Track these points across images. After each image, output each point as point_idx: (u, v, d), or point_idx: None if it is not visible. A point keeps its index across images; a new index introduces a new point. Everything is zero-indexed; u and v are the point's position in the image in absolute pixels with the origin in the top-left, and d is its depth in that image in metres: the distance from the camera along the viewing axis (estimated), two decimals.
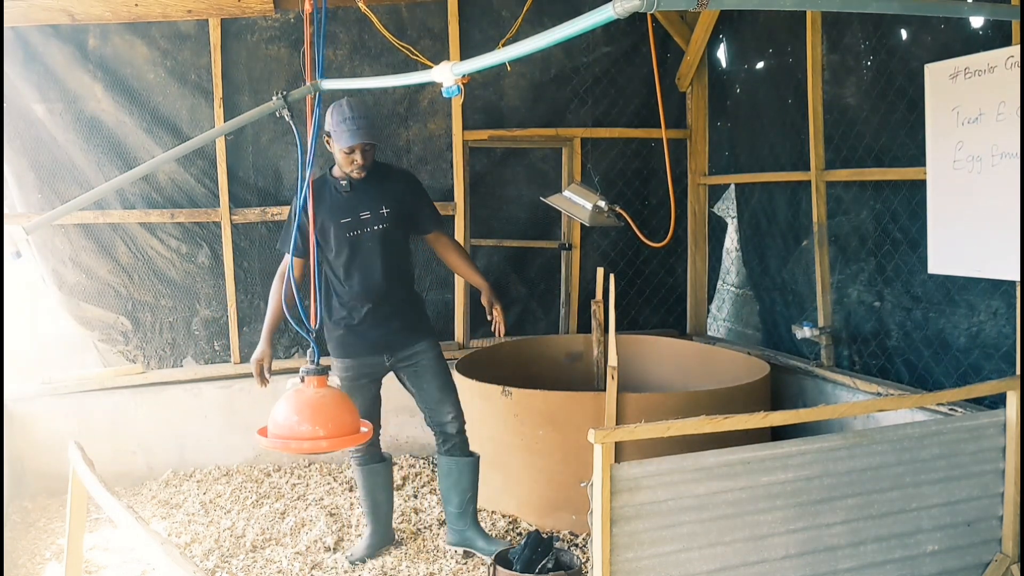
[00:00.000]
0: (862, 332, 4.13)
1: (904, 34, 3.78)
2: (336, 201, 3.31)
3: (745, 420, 2.33)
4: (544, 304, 5.34)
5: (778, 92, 4.62)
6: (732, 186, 5.24)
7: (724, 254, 5.58)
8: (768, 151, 4.73)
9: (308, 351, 2.79)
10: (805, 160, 4.27)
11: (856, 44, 4.04)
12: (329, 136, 3.26)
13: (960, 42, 3.45)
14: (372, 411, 3.48)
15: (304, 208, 2.95)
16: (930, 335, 3.73)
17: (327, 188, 3.33)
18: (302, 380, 2.78)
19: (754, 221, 4.98)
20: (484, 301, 3.52)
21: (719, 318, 6.05)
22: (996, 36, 3.31)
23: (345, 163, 3.24)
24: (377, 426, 3.53)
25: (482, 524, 3.71)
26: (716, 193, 5.40)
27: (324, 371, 2.78)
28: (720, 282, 5.74)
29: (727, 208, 5.53)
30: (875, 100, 3.94)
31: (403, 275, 3.46)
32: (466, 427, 3.52)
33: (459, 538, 3.58)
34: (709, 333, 5.45)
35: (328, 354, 3.43)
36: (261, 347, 3.30)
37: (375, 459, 3.58)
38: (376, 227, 3.30)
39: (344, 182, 3.30)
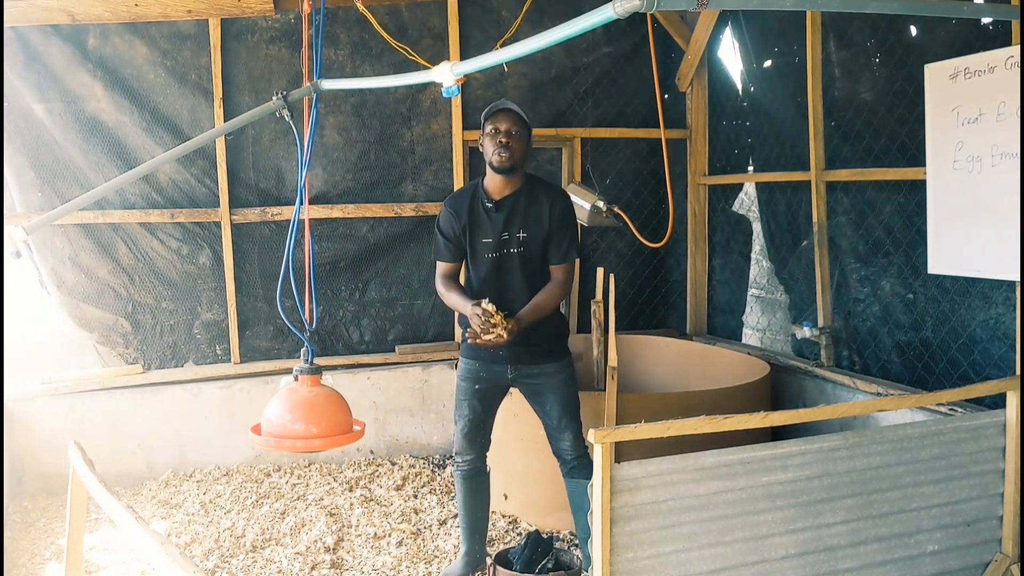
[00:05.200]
0: (862, 332, 4.13)
1: (911, 32, 3.78)
2: (479, 218, 3.15)
3: (745, 420, 2.33)
4: None
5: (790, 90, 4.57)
6: (752, 185, 5.14)
7: (752, 257, 5.39)
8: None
9: (302, 350, 2.79)
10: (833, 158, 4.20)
11: (860, 42, 4.04)
12: (483, 143, 3.10)
13: (963, 41, 3.44)
14: (484, 419, 3.32)
15: (448, 227, 3.12)
16: (930, 335, 3.73)
17: (475, 201, 3.15)
18: (296, 379, 2.79)
19: (775, 220, 4.88)
20: (500, 318, 3.02)
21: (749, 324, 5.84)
22: (999, 34, 3.31)
23: (491, 150, 3.03)
24: (486, 443, 3.37)
25: None
26: (730, 193, 5.33)
27: (318, 370, 2.79)
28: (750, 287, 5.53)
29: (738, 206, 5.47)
30: (876, 99, 3.95)
31: None
32: (587, 451, 3.21)
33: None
34: (744, 342, 5.28)
35: (322, 355, 3.39)
36: (466, 305, 3.05)
37: (480, 473, 3.39)
38: (514, 250, 3.14)
39: (491, 203, 3.12)
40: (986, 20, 3.40)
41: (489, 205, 3.12)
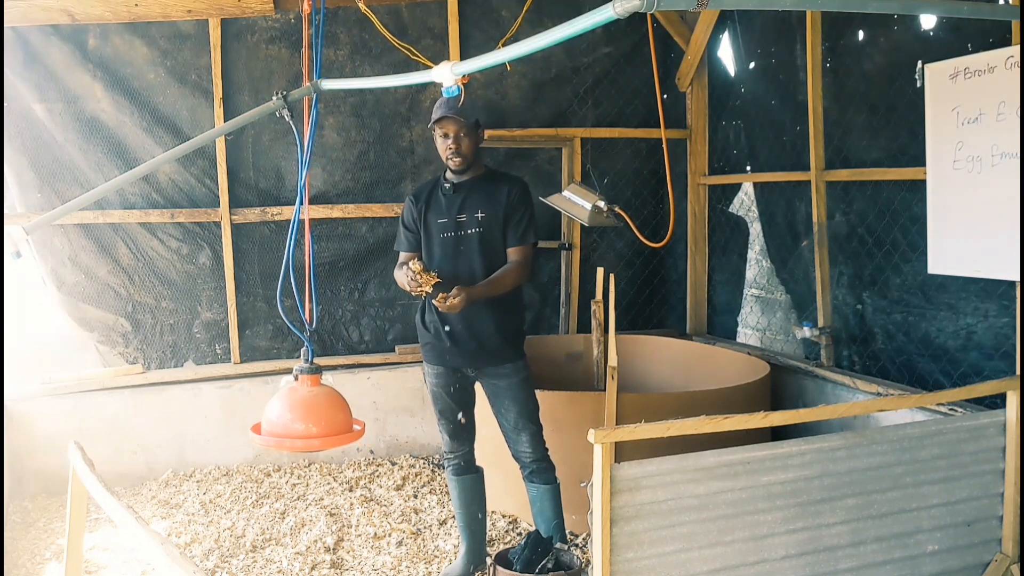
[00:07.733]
0: (862, 332, 4.13)
1: (910, 32, 3.78)
2: (436, 201, 3.25)
3: (745, 420, 2.33)
4: (551, 304, 5.35)
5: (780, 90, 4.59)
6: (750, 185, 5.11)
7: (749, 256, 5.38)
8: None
9: (302, 350, 2.79)
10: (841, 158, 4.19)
11: (861, 41, 4.04)
12: (436, 141, 3.21)
13: (913, 43, 3.49)
14: (465, 416, 3.35)
15: (408, 214, 3.23)
16: (930, 335, 3.73)
17: (435, 188, 3.28)
18: (296, 379, 2.79)
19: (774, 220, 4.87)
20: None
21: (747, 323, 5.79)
22: (954, 39, 3.36)
23: (441, 151, 3.16)
24: (471, 435, 3.41)
25: None
26: (730, 193, 5.32)
27: (318, 370, 2.79)
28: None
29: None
30: (876, 99, 3.95)
31: None
32: (547, 455, 3.30)
33: None
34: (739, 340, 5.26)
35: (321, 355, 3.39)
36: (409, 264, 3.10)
37: (471, 469, 3.44)
38: (471, 231, 3.18)
39: (448, 185, 3.22)
40: (925, 26, 3.44)
41: (447, 187, 3.22)
